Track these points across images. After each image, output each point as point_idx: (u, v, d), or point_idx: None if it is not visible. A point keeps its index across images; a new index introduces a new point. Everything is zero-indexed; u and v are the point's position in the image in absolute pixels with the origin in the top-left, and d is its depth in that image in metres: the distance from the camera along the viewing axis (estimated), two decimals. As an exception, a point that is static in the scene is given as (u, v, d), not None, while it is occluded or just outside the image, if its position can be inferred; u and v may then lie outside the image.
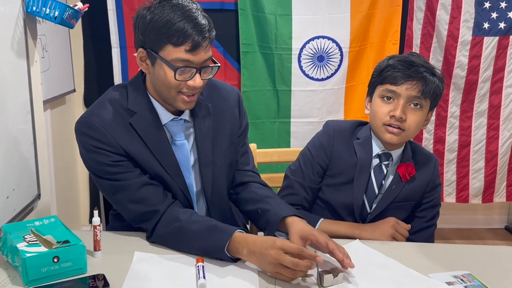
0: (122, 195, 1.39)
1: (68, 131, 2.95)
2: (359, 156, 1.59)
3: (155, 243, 1.40)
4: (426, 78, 1.48)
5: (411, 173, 1.58)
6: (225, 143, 1.53)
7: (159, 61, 1.31)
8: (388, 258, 1.36)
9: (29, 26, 1.76)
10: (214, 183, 1.51)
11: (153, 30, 1.29)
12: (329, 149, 1.62)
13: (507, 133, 3.10)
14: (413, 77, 1.48)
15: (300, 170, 1.65)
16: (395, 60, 1.53)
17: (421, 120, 1.53)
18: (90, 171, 1.42)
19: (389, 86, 1.51)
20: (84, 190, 3.18)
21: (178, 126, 1.46)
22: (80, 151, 1.42)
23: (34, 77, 1.81)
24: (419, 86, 1.48)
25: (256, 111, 3.03)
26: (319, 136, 1.67)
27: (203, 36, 1.29)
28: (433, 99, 1.53)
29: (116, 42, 2.90)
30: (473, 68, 2.97)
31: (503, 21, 2.91)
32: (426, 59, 1.55)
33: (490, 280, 1.25)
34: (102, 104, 1.41)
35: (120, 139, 1.37)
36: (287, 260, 1.19)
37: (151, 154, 1.40)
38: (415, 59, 1.51)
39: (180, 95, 1.36)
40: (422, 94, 1.48)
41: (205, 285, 1.17)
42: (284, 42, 2.95)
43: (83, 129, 1.38)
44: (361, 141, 1.61)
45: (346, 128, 1.65)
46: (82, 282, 1.18)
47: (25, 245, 1.19)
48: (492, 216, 3.57)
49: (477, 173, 3.18)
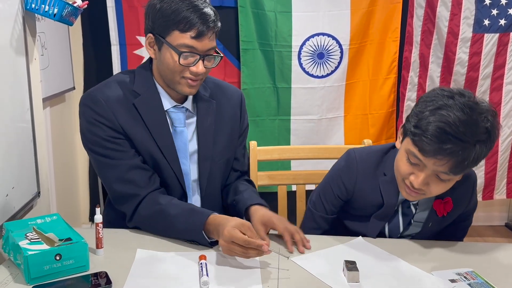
0: (111, 173, 1.44)
1: (68, 128, 2.94)
2: (385, 199, 1.43)
3: (136, 226, 1.46)
4: (461, 155, 1.20)
5: (447, 209, 1.43)
6: (224, 141, 1.58)
7: (166, 45, 1.39)
8: (391, 255, 1.36)
9: (28, 23, 1.75)
10: (210, 177, 1.56)
11: (162, 16, 1.37)
12: (351, 187, 1.48)
13: (507, 130, 3.10)
14: (443, 154, 1.21)
15: (321, 204, 1.56)
16: (435, 124, 1.21)
17: (448, 186, 1.33)
18: (86, 146, 1.47)
19: (417, 152, 1.26)
20: (84, 188, 3.17)
21: (179, 113, 1.51)
22: (80, 124, 1.47)
23: (34, 74, 1.80)
24: (449, 164, 1.23)
25: (256, 108, 3.02)
26: (341, 168, 1.52)
27: (208, 25, 1.37)
28: (467, 167, 1.26)
29: (116, 39, 2.89)
30: (474, 65, 2.97)
31: (503, 18, 2.90)
32: (481, 109, 1.22)
33: (493, 277, 1.25)
34: (109, 83, 1.48)
35: (121, 117, 1.43)
36: (239, 237, 1.24)
37: (150, 136, 1.45)
38: (458, 125, 1.19)
39: (184, 80, 1.43)
40: (451, 172, 1.25)
41: (208, 282, 1.16)
42: (284, 39, 2.94)
43: (86, 101, 1.44)
44: (388, 180, 1.43)
45: (371, 160, 1.47)
46: (85, 279, 1.17)
47: (27, 243, 1.19)
48: (493, 213, 3.57)
49: (477, 171, 3.17)
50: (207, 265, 1.24)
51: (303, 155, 1.94)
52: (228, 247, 1.25)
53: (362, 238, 1.47)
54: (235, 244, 1.24)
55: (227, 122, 1.59)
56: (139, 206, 1.43)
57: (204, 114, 1.54)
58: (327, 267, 1.28)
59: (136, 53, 2.91)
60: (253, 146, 1.84)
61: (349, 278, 1.21)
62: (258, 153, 1.88)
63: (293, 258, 1.32)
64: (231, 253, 1.27)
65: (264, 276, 1.23)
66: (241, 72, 2.97)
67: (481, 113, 1.22)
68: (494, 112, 1.26)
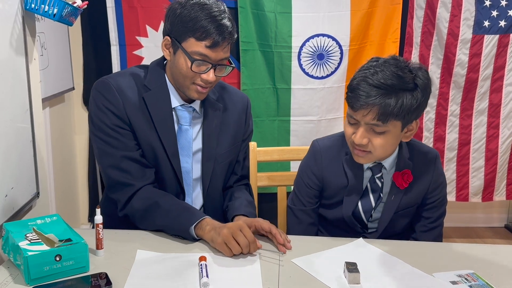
0: (107, 159, 1.48)
1: (67, 129, 2.94)
2: (349, 177, 1.53)
3: (127, 216, 1.48)
4: (382, 103, 1.32)
5: (408, 180, 1.51)
6: (228, 143, 1.61)
7: (180, 51, 1.44)
8: (392, 257, 1.36)
9: (28, 23, 1.74)
10: (213, 176, 1.59)
11: (180, 22, 1.42)
12: (319, 173, 1.57)
13: (507, 132, 3.10)
14: (367, 103, 1.34)
15: (297, 199, 1.63)
16: (357, 79, 1.39)
17: (389, 141, 1.41)
18: (91, 131, 1.51)
19: (349, 111, 1.41)
20: (83, 189, 3.17)
21: (186, 112, 1.54)
22: (89, 109, 1.53)
23: (33, 74, 1.79)
24: (374, 113, 1.34)
25: (255, 109, 3.02)
26: (307, 160, 1.62)
27: (224, 36, 1.41)
28: (402, 117, 1.36)
29: (115, 39, 2.88)
30: (473, 67, 2.97)
31: (503, 19, 2.90)
32: (406, 65, 1.38)
33: (494, 279, 1.25)
34: (123, 74, 1.54)
35: (129, 107, 1.47)
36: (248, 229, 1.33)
37: (154, 130, 1.49)
38: (381, 76, 1.34)
39: (194, 85, 1.46)
40: (379, 120, 1.35)
41: (208, 283, 1.16)
42: (284, 40, 2.94)
43: (98, 87, 1.49)
44: (349, 157, 1.52)
45: (332, 146, 1.57)
46: (85, 280, 1.17)
47: (27, 243, 1.18)
48: (492, 214, 3.57)
49: (477, 172, 3.18)
50: (207, 266, 1.23)
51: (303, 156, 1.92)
52: (233, 232, 1.30)
53: (363, 240, 1.46)
54: (241, 234, 1.30)
55: (232, 126, 1.63)
56: (133, 197, 1.46)
57: (211, 116, 1.57)
58: (328, 268, 1.27)
59: (136, 53, 2.90)
60: (253, 147, 1.84)
61: (349, 279, 1.20)
62: (258, 154, 1.87)
63: (294, 259, 1.32)
64: (230, 242, 1.29)
65: (264, 277, 1.22)
66: (241, 73, 2.97)
67: (406, 66, 1.37)
68: (424, 68, 1.40)
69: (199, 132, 1.57)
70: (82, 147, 3.10)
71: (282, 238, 1.38)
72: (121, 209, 1.49)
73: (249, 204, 1.60)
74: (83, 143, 3.09)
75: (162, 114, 1.50)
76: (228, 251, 1.31)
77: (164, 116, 1.51)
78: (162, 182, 1.53)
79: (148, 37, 2.89)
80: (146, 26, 2.87)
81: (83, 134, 3.08)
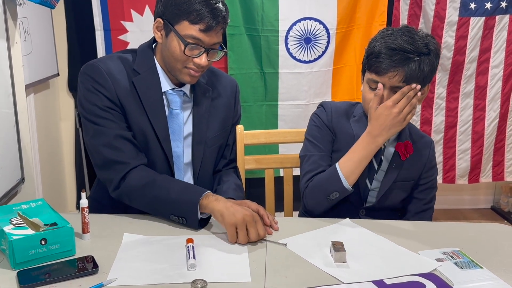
0: (100, 139, 1.44)
1: (53, 115, 2.91)
2: (355, 132, 1.59)
3: (121, 195, 1.44)
4: (408, 65, 1.43)
5: (409, 152, 1.58)
6: (217, 127, 1.61)
7: (173, 33, 1.42)
8: (379, 236, 1.37)
9: (9, 6, 1.71)
10: (204, 160, 1.58)
11: (174, 5, 1.40)
12: (330, 124, 1.64)
13: (493, 114, 3.13)
14: (395, 66, 1.44)
15: (314, 146, 1.64)
16: (381, 45, 1.47)
17: None
18: (82, 114, 1.48)
19: (374, 76, 1.48)
20: (70, 176, 3.15)
21: (176, 96, 1.53)
22: (78, 93, 1.49)
23: (15, 58, 1.77)
24: (401, 75, 1.44)
25: (243, 94, 3.00)
26: (318, 113, 1.68)
27: (217, 21, 1.40)
28: (422, 80, 1.47)
29: (100, 24, 2.84)
30: (460, 49, 2.98)
31: (489, 1, 2.91)
32: (418, 32, 1.49)
33: (479, 256, 1.26)
34: (111, 58, 1.51)
35: (119, 90, 1.45)
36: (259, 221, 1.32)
37: (145, 114, 1.47)
38: (400, 41, 1.45)
39: (186, 69, 1.45)
40: (405, 81, 1.45)
41: (195, 265, 1.16)
42: (270, 24, 2.92)
43: (87, 71, 1.47)
44: (357, 119, 1.63)
45: (342, 107, 1.68)
46: (71, 264, 1.16)
47: (11, 228, 1.17)
48: (478, 196, 3.62)
49: (463, 154, 3.20)
50: (194, 248, 1.23)
51: (290, 139, 1.93)
52: (249, 222, 1.29)
53: (349, 220, 1.47)
54: (255, 227, 1.29)
55: (222, 110, 1.63)
56: (127, 175, 1.43)
57: (201, 100, 1.57)
58: (315, 248, 1.28)
59: (121, 38, 2.87)
60: (239, 130, 1.83)
61: (336, 258, 1.21)
62: (245, 137, 1.87)
63: (281, 240, 1.32)
64: (242, 230, 1.28)
65: (251, 257, 1.23)
66: (227, 57, 2.95)
67: (418, 33, 1.48)
68: (431, 36, 1.52)
69: (189, 116, 1.56)
70: (68, 133, 3.07)
71: (269, 219, 1.39)
72: (114, 188, 1.45)
73: (237, 188, 1.60)
74: (69, 129, 3.07)
75: (153, 99, 1.49)
76: (234, 237, 1.29)
77: (154, 101, 1.49)
78: (153, 166, 1.50)
79: (133, 21, 2.85)
80: (131, 10, 2.84)
81: (69, 121, 3.05)
